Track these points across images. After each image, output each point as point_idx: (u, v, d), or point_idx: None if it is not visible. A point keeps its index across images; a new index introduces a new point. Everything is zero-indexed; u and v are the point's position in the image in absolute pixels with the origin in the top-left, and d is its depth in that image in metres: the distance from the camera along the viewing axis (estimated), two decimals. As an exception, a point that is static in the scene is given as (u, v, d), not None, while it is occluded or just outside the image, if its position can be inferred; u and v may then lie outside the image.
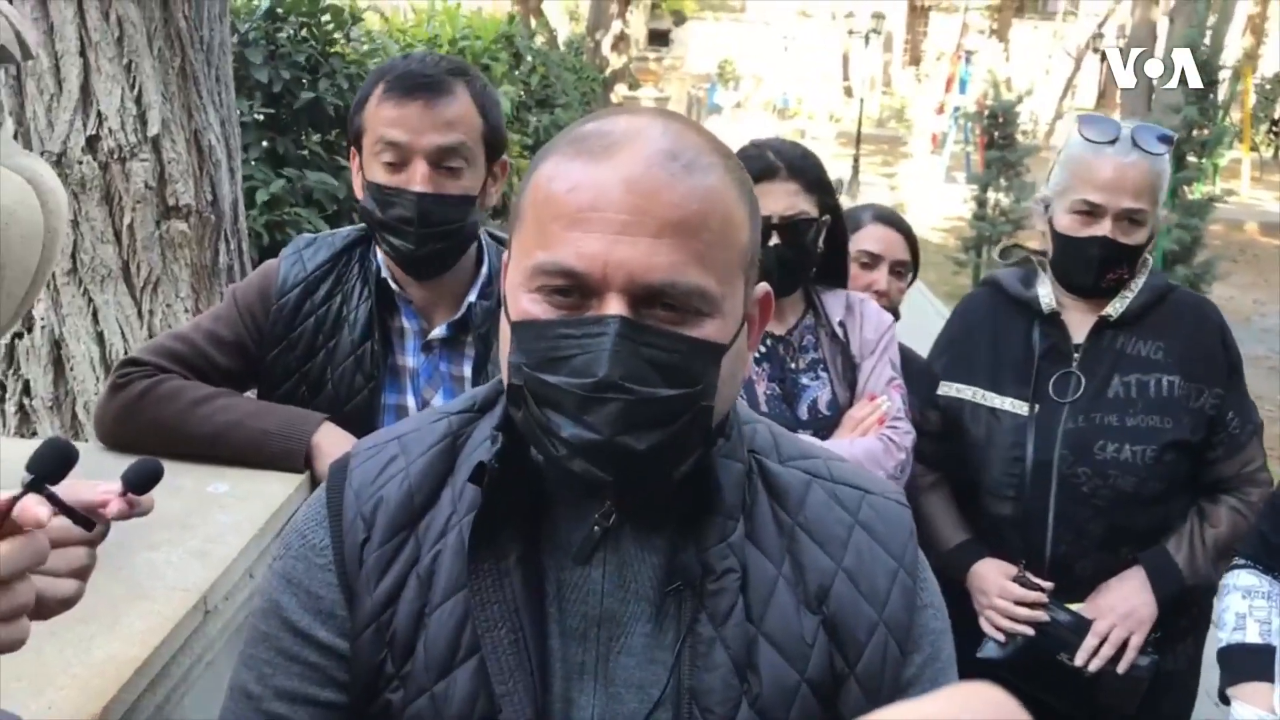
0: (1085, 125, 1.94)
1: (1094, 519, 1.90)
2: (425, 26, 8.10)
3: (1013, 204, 11.78)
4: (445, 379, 1.69)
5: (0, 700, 1.03)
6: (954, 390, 2.05)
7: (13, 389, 2.44)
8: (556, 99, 10.81)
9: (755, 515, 0.90)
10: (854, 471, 0.97)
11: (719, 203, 0.81)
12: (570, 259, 0.78)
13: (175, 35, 2.41)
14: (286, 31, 4.38)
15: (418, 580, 0.89)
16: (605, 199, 0.78)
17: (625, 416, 0.77)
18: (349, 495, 0.93)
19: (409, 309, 1.69)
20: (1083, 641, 1.89)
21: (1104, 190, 1.88)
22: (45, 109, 2.31)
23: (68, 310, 2.39)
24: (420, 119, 1.55)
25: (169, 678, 1.22)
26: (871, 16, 27.63)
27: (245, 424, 1.58)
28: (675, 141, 0.80)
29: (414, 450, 0.94)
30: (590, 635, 0.87)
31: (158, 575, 1.31)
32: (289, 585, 0.92)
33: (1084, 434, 1.91)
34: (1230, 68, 10.96)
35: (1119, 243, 1.88)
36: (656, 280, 0.77)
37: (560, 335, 0.78)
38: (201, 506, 1.49)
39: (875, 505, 0.93)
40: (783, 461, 0.94)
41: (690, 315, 0.80)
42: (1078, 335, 1.97)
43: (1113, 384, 1.92)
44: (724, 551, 0.85)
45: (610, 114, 0.86)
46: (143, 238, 2.39)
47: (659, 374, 0.78)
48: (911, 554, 0.92)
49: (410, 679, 0.87)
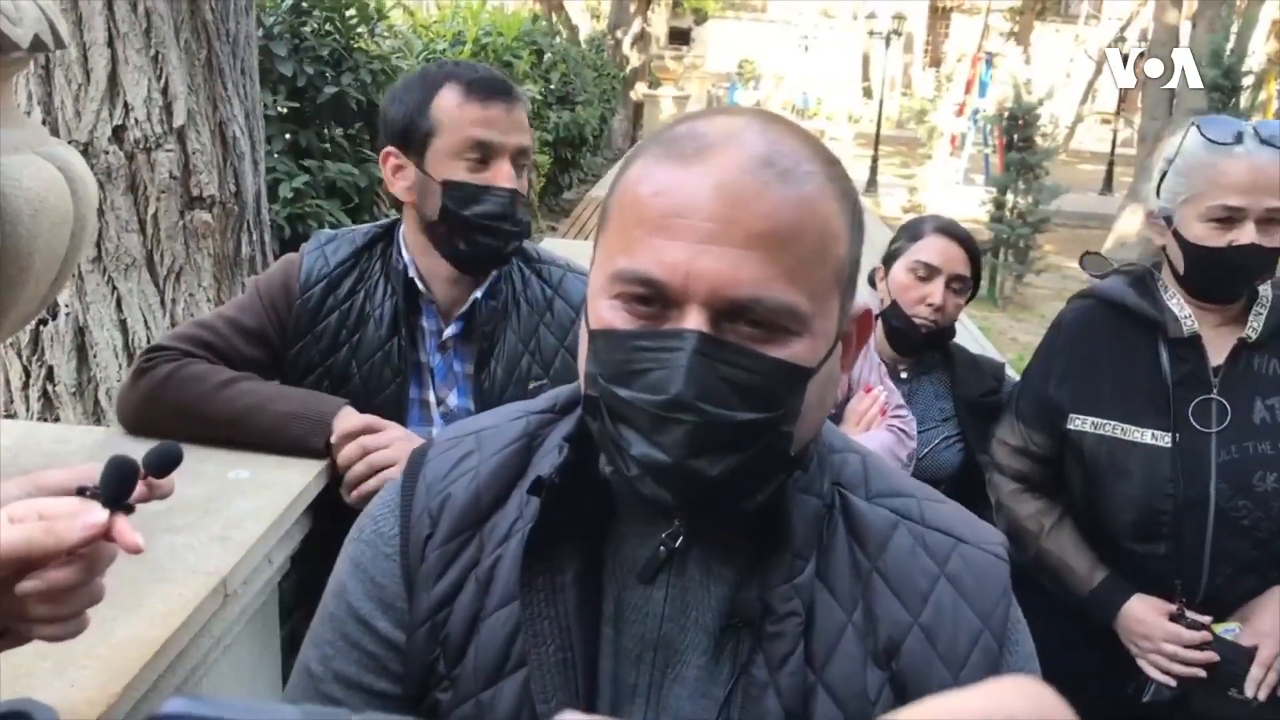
0: (1206, 126, 1.79)
1: (1253, 550, 1.78)
2: (449, 23, 8.13)
3: (1030, 206, 11.72)
4: (459, 378, 1.72)
5: (25, 679, 1.05)
6: (1090, 425, 1.88)
7: (36, 375, 2.46)
8: (576, 96, 10.82)
9: (831, 555, 0.83)
10: (951, 516, 0.88)
11: (816, 214, 0.75)
12: (651, 267, 0.73)
13: (202, 27, 2.43)
14: (311, 25, 4.40)
15: (476, 583, 0.86)
16: (691, 205, 0.73)
17: (697, 438, 0.72)
18: (420, 487, 0.91)
19: (430, 309, 1.71)
20: (1248, 671, 1.78)
21: (1243, 192, 1.73)
22: (73, 99, 2.34)
23: (92, 298, 2.42)
24: (506, 120, 1.63)
25: (188, 659, 1.24)
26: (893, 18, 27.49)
27: (267, 407, 1.60)
28: (773, 146, 0.75)
29: (489, 448, 0.92)
30: (645, 659, 0.83)
31: (179, 558, 1.33)
32: (356, 570, 0.91)
33: (1240, 465, 1.77)
34: (1254, 73, 10.87)
35: (1266, 247, 1.74)
36: (741, 295, 0.72)
37: (636, 347, 0.74)
38: (223, 492, 1.51)
39: (967, 556, 0.85)
40: (870, 498, 0.87)
41: (777, 333, 0.74)
42: (1215, 357, 1.82)
43: (1257, 409, 1.79)
44: (788, 593, 0.79)
45: (706, 114, 0.81)
46: (166, 227, 2.42)
47: (737, 395, 0.72)
48: (1001, 615, 0.83)
49: (460, 682, 0.85)
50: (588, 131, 11.31)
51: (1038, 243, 11.96)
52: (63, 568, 0.78)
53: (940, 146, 17.89)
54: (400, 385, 1.68)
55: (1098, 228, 15.20)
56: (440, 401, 1.71)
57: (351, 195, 4.31)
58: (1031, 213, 11.74)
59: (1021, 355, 8.66)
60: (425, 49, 6.87)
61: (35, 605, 0.79)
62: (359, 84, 4.46)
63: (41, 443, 1.65)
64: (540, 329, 1.73)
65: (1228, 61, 9.92)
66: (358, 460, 1.58)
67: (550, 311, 1.75)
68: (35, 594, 0.78)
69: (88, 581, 0.80)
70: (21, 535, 0.75)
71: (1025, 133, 11.85)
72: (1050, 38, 34.89)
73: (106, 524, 0.78)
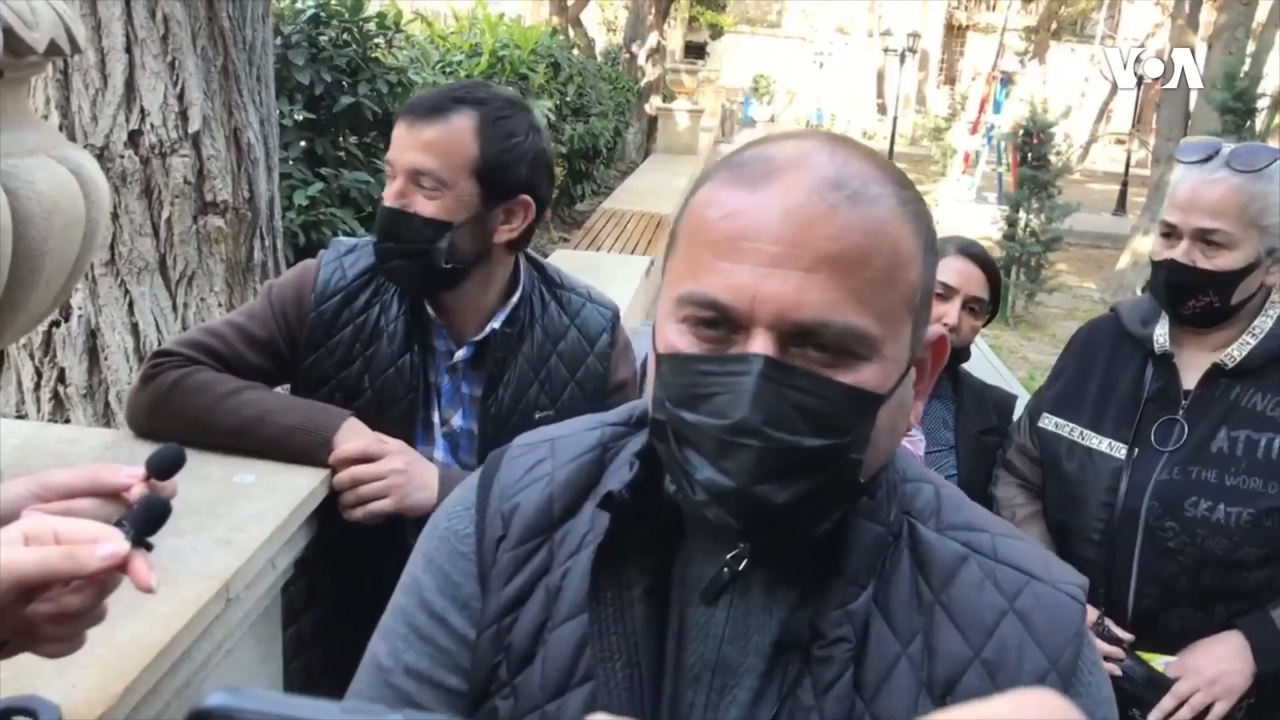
0: (1182, 149, 1.82)
1: (1180, 576, 1.76)
2: (466, 34, 8.17)
3: (1044, 225, 11.71)
4: (465, 400, 1.71)
5: (25, 679, 1.05)
6: (1053, 425, 1.95)
7: (48, 376, 2.48)
8: (591, 108, 10.86)
9: (892, 584, 0.81)
10: (1026, 552, 0.85)
11: (885, 237, 0.73)
12: (718, 290, 0.73)
13: (219, 34, 2.45)
14: (329, 35, 4.43)
15: (545, 593, 0.86)
16: (758, 228, 0.72)
17: (763, 464, 0.71)
18: (495, 489, 0.92)
19: (439, 329, 1.70)
20: (1157, 700, 1.76)
21: (1180, 209, 1.76)
22: (90, 103, 2.36)
23: (104, 301, 2.43)
24: (404, 138, 1.59)
25: (190, 662, 1.24)
26: (908, 35, 27.55)
27: (269, 418, 1.60)
28: (842, 168, 0.74)
29: (563, 455, 0.92)
30: (703, 679, 0.82)
31: (182, 561, 1.33)
32: (430, 566, 0.92)
33: (1176, 487, 1.76)
34: (1269, 95, 10.84)
35: (1191, 266, 1.75)
36: (807, 318, 0.71)
37: (702, 371, 0.73)
38: (228, 496, 1.51)
39: (1039, 594, 0.81)
40: (941, 529, 0.84)
41: (845, 358, 0.73)
42: (1190, 380, 1.82)
43: (1218, 437, 1.76)
44: (839, 619, 0.77)
45: (775, 138, 0.80)
46: (180, 232, 2.43)
47: (805, 421, 0.71)
48: (1071, 657, 0.79)
49: (522, 691, 0.85)
50: (602, 144, 11.35)
51: (1050, 261, 11.95)
52: (76, 593, 0.79)
53: (954, 164, 17.90)
54: (412, 402, 1.67)
55: (1110, 248, 15.18)
56: (444, 422, 1.70)
57: (365, 204, 4.33)
58: (1044, 231, 11.73)
59: (1032, 374, 8.64)
60: (442, 60, 6.91)
61: (44, 625, 0.79)
62: (375, 94, 4.49)
63: (49, 443, 1.65)
64: (553, 358, 1.71)
65: (1241, 84, 9.89)
66: (348, 488, 1.58)
67: (565, 341, 1.73)
68: (46, 615, 0.78)
69: (95, 605, 0.81)
70: (38, 559, 0.75)
71: (1039, 151, 11.86)
72: (1065, 57, 34.89)
73: (126, 556, 0.78)
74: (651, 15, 17.85)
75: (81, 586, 0.79)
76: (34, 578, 0.75)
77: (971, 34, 38.62)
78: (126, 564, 0.78)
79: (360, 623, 1.75)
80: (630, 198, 11.08)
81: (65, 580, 0.77)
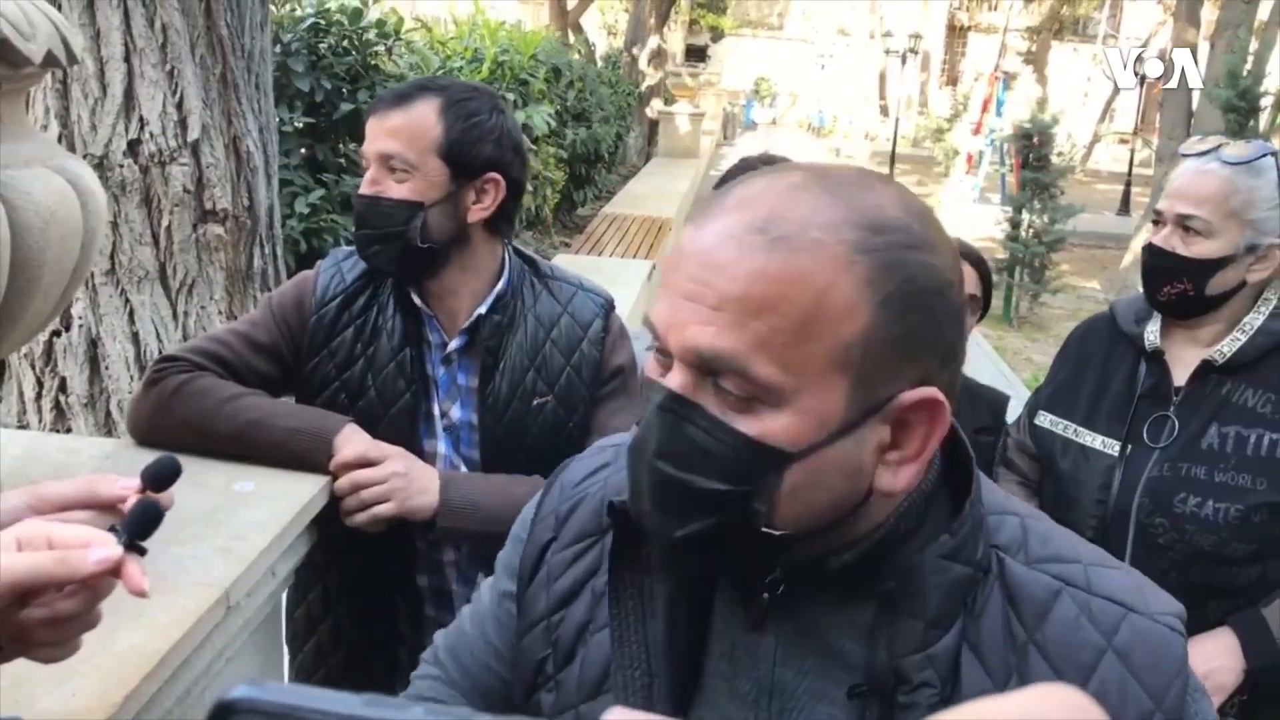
0: (1186, 146, 1.85)
1: (1170, 572, 1.75)
2: (466, 40, 8.18)
3: (1046, 225, 11.70)
4: (463, 391, 1.72)
5: (26, 688, 1.05)
6: (1048, 422, 1.96)
7: (49, 386, 2.49)
8: (592, 113, 10.86)
9: (983, 622, 0.78)
10: (1121, 583, 0.82)
11: (805, 286, 0.69)
12: (655, 318, 0.76)
13: (217, 43, 2.46)
14: (328, 43, 4.44)
15: (591, 595, 0.90)
16: (685, 263, 0.74)
17: (658, 495, 0.74)
18: (555, 489, 0.97)
19: (432, 321, 1.72)
20: None
21: (1168, 197, 1.80)
22: (89, 113, 2.37)
23: (105, 310, 2.44)
24: (373, 128, 1.65)
25: (190, 670, 1.24)
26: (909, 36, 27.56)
27: (270, 423, 1.61)
28: (781, 211, 0.71)
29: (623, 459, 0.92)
30: (761, 703, 0.82)
31: (182, 569, 1.33)
32: (510, 542, 1.02)
33: (1166, 483, 1.77)
34: (1272, 95, 10.82)
35: (1168, 251, 1.78)
36: (707, 355, 0.71)
37: (645, 395, 0.77)
38: (228, 504, 1.51)
39: (1138, 628, 0.78)
40: (1030, 563, 0.81)
41: (753, 404, 0.71)
42: (1181, 377, 1.83)
43: (1209, 434, 1.77)
44: (922, 663, 0.75)
45: (754, 176, 0.78)
46: (180, 240, 2.44)
47: (703, 461, 0.72)
48: (1177, 694, 0.76)
49: (563, 688, 0.89)
50: (603, 148, 11.34)
51: (1054, 262, 11.93)
52: (69, 598, 0.79)
53: (956, 165, 17.88)
54: (414, 396, 1.69)
55: (1114, 248, 15.15)
56: (444, 414, 1.71)
57: (365, 210, 4.33)
58: (1047, 232, 11.72)
59: (1036, 376, 8.62)
60: (442, 66, 6.92)
61: (37, 629, 0.79)
62: (375, 100, 4.49)
63: (49, 453, 1.66)
64: (547, 345, 1.73)
65: (1244, 83, 9.88)
66: (349, 494, 1.59)
67: (558, 328, 1.75)
68: (39, 620, 0.79)
69: (89, 610, 0.81)
70: (30, 563, 0.75)
71: (1041, 151, 11.85)
72: (1068, 57, 34.88)
73: (119, 560, 0.78)
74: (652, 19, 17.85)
75: (75, 591, 0.79)
76: (27, 582, 0.75)
77: (973, 34, 38.62)
78: (120, 569, 0.78)
79: (373, 627, 1.77)
80: (632, 202, 11.07)
81: (59, 585, 0.77)
